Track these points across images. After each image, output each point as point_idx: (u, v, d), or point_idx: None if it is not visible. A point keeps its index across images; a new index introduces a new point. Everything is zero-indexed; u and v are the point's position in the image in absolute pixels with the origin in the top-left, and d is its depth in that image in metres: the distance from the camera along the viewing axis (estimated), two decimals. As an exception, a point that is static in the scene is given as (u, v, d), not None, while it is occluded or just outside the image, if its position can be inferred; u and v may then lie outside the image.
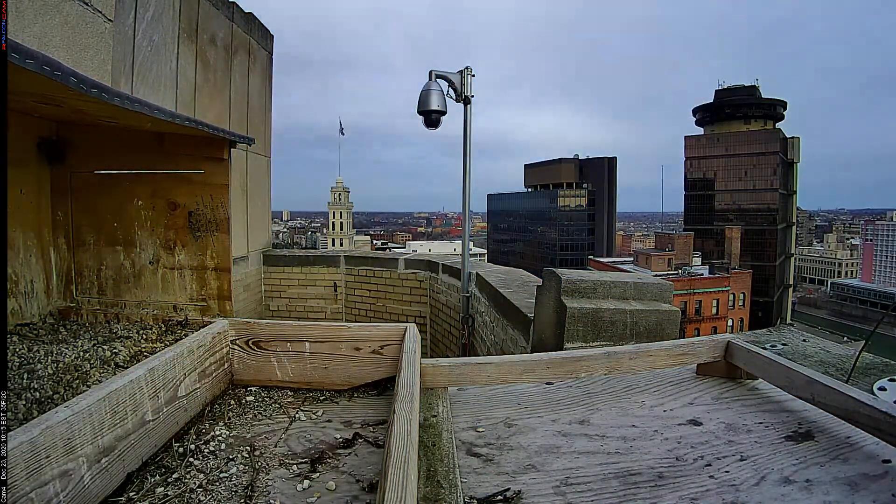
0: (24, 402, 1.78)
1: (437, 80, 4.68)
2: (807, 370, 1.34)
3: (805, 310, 78.95)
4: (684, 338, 2.02)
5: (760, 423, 1.30)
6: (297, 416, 1.43)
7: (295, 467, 1.16)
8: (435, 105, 4.57)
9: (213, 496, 1.04)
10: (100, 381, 1.94)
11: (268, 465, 1.17)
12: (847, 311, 74.28)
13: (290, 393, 1.58)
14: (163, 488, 1.07)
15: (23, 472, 0.83)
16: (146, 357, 1.56)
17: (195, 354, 1.43)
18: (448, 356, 3.50)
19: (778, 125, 60.00)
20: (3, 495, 0.77)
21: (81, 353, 2.31)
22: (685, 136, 63.36)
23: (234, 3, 5.88)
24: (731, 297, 40.33)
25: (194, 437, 1.29)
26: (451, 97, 4.76)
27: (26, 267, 2.77)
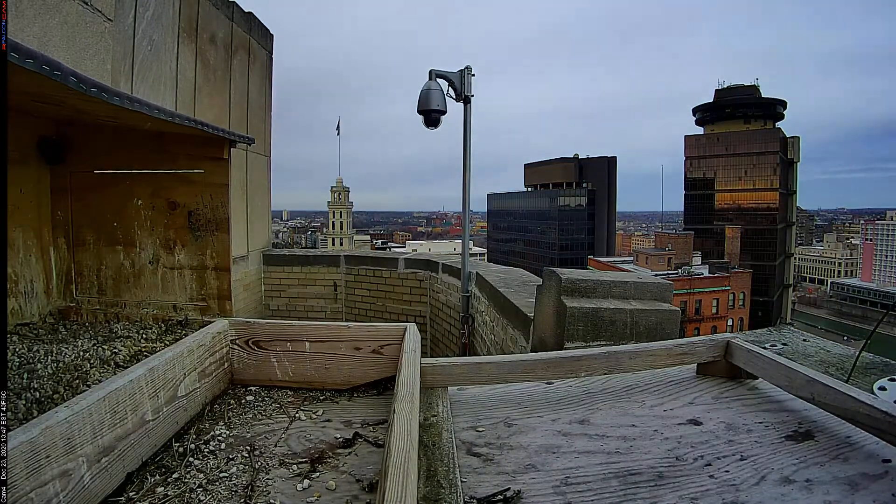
0: (24, 402, 1.78)
1: (437, 79, 4.68)
2: (807, 370, 1.34)
3: (805, 310, 78.97)
4: (684, 337, 2.02)
5: (760, 422, 1.30)
6: (297, 415, 1.43)
7: (295, 467, 1.16)
8: (435, 104, 4.57)
9: (213, 496, 1.04)
10: (100, 381, 1.95)
11: (268, 464, 1.17)
12: (847, 310, 74.31)
13: (290, 392, 1.58)
14: (163, 488, 1.07)
15: (23, 471, 0.83)
16: (146, 357, 1.56)
17: (195, 354, 1.43)
18: (448, 356, 3.50)
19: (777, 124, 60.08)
20: (3, 495, 0.77)
21: (81, 353, 2.31)
22: (685, 136, 63.42)
23: (233, 2, 5.87)
24: (730, 296, 40.35)
25: (194, 436, 1.29)
26: (451, 97, 4.76)
27: (26, 267, 2.77)
